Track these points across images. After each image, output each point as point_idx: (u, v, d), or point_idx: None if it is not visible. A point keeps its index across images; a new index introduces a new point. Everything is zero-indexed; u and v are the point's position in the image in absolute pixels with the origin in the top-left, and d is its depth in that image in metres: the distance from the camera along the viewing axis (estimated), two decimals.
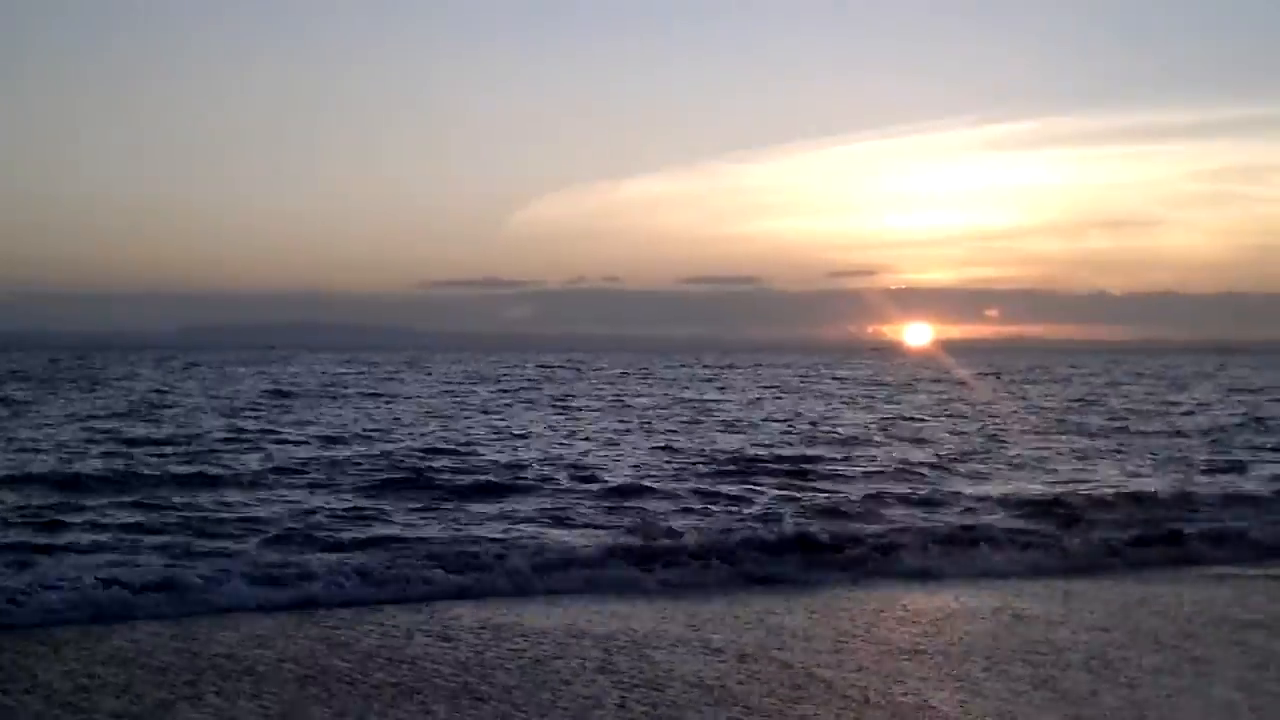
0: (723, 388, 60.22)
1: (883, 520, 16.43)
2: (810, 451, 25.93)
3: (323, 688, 8.19)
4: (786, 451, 25.93)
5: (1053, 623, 10.62)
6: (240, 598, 10.97)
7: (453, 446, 26.12)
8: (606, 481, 20.33)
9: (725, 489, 19.58)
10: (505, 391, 53.22)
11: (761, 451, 25.77)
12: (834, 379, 72.91)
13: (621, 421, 35.07)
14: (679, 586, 12.16)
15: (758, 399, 49.38)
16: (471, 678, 8.47)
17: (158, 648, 9.26)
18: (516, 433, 30.30)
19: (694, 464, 23.28)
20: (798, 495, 19.03)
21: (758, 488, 19.86)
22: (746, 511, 17.21)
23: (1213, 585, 12.77)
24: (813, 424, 34.48)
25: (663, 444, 27.58)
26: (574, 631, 9.95)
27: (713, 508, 17.59)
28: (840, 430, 32.28)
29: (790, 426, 33.47)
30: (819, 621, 10.58)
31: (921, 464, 23.63)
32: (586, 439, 28.89)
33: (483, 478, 20.52)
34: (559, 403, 44.47)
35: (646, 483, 20.19)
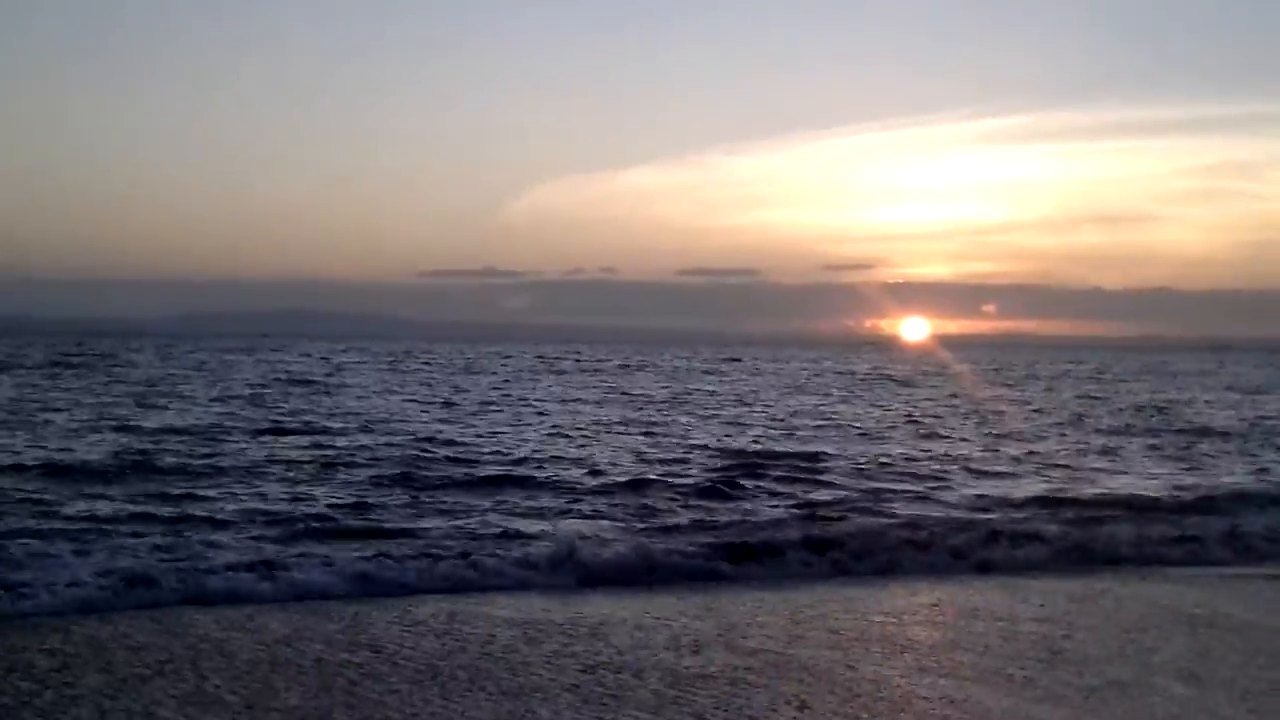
0: (726, 381, 60.53)
1: (873, 515, 16.69)
2: (811, 448, 26.01)
3: (294, 667, 8.54)
4: (789, 447, 26.17)
5: (999, 616, 10.94)
6: (223, 588, 11.18)
7: (452, 438, 26.30)
8: (607, 475, 20.54)
9: (726, 483, 19.59)
10: (506, 382, 53.52)
11: (765, 446, 26.04)
12: (836, 373, 73.34)
13: (624, 414, 35.34)
14: (650, 583, 12.40)
15: (760, 392, 49.75)
16: (436, 660, 8.81)
17: (137, 630, 9.60)
18: (517, 425, 30.56)
19: (696, 458, 23.54)
20: (796, 491, 19.22)
21: (759, 483, 19.85)
22: (743, 507, 17.39)
23: (1170, 583, 13.10)
24: (819, 418, 34.86)
25: (664, 437, 27.86)
26: (535, 620, 10.29)
27: (709, 502, 17.79)
28: (845, 425, 32.64)
29: (794, 421, 33.83)
30: (775, 612, 10.89)
31: (925, 460, 23.94)
32: (588, 432, 29.12)
33: (481, 471, 20.68)
34: (560, 395, 44.74)
35: (649, 476, 20.41)
